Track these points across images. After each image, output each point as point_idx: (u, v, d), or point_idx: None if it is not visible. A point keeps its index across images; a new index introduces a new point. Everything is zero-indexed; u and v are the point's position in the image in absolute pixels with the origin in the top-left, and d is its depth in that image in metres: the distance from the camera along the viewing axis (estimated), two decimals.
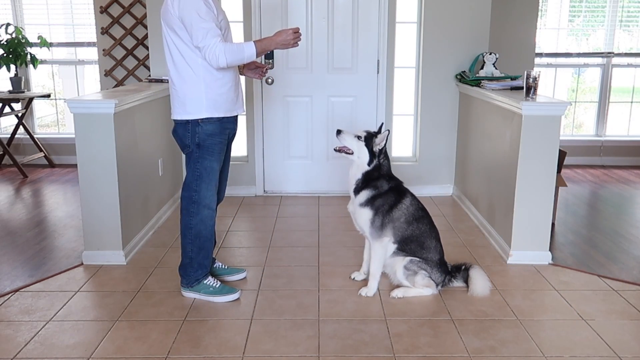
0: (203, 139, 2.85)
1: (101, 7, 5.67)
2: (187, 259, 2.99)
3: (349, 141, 2.96)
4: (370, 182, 2.97)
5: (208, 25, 2.67)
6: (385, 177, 3.00)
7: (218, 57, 2.68)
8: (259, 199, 4.90)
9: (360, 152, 2.94)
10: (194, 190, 2.91)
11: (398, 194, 3.02)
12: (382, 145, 2.95)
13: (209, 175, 2.91)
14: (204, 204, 2.93)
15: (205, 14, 2.68)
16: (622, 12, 6.21)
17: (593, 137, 6.36)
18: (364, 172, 2.97)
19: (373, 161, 2.95)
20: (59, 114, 6.69)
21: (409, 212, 3.02)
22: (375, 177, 2.98)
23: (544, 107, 3.37)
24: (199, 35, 2.67)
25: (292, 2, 4.69)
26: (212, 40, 2.67)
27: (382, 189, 2.98)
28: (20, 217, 4.47)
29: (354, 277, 3.26)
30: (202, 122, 2.83)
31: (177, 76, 2.84)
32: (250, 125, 4.91)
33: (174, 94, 2.89)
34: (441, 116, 4.88)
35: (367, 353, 2.50)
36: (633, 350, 2.54)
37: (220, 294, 2.99)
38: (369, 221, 2.98)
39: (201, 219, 2.94)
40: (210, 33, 2.67)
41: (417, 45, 4.89)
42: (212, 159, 2.90)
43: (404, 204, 3.01)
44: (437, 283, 3.03)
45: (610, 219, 4.48)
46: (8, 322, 2.76)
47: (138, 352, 2.51)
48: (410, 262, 2.99)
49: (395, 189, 3.02)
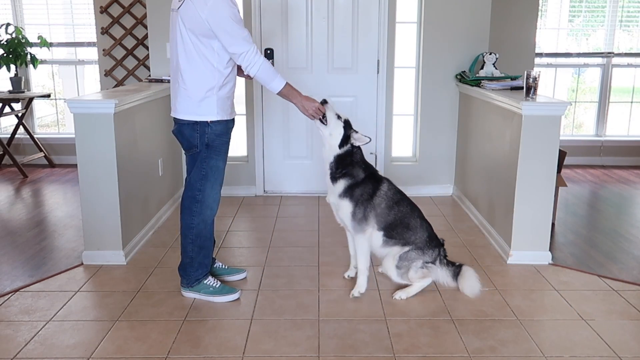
0: (212, 139, 2.87)
1: (101, 7, 5.67)
2: (187, 258, 2.99)
3: (329, 114, 2.94)
4: (346, 170, 2.95)
5: (244, 32, 2.73)
6: (360, 165, 2.98)
7: (254, 65, 2.75)
8: (259, 199, 4.90)
9: (334, 130, 2.92)
10: (198, 190, 2.91)
11: (375, 181, 3.01)
12: (357, 144, 2.95)
13: (214, 174, 2.92)
14: (207, 204, 2.93)
15: (239, 20, 2.73)
16: (622, 12, 6.21)
17: (593, 137, 6.36)
18: (335, 156, 2.95)
19: (344, 145, 2.93)
20: (59, 114, 6.69)
21: (388, 197, 2.99)
22: (348, 163, 2.95)
23: (544, 107, 3.37)
24: (238, 40, 2.70)
25: (292, 2, 4.69)
26: (251, 46, 2.73)
27: (358, 177, 2.96)
28: (20, 217, 4.47)
29: (347, 275, 3.26)
30: (211, 123, 2.85)
31: (192, 77, 2.79)
32: (250, 125, 4.91)
33: (183, 94, 2.83)
34: (441, 116, 4.88)
35: (367, 353, 2.50)
36: (633, 350, 2.54)
37: (220, 293, 2.99)
38: (350, 214, 2.96)
39: (203, 219, 2.94)
40: (248, 39, 2.73)
41: (417, 45, 4.89)
42: (219, 158, 2.92)
43: (382, 190, 2.99)
44: (432, 261, 2.98)
45: (610, 219, 4.48)
46: (8, 322, 2.76)
47: (138, 352, 2.51)
48: (399, 259, 2.96)
49: (372, 176, 3.01)
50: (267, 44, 4.71)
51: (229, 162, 4.93)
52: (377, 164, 4.86)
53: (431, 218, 4.37)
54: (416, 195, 4.93)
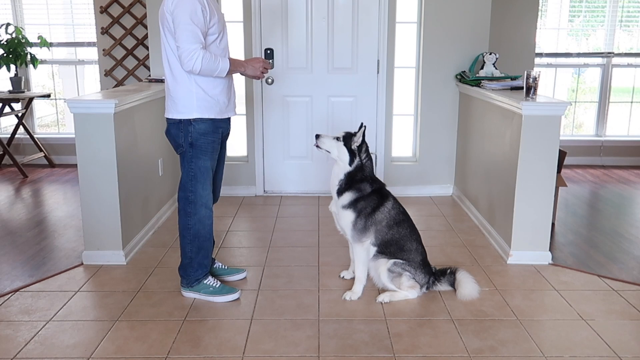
0: (196, 138, 2.85)
1: (101, 7, 5.67)
2: (186, 259, 2.99)
3: (328, 144, 2.97)
4: (354, 184, 2.97)
5: (194, 29, 2.68)
6: (368, 180, 3.00)
7: (194, 62, 2.69)
8: (259, 199, 4.90)
9: (340, 152, 2.95)
10: (190, 191, 2.92)
11: (381, 197, 3.01)
12: (359, 142, 2.93)
13: (203, 174, 2.91)
14: (200, 203, 2.93)
15: (197, 19, 2.68)
16: (622, 12, 6.21)
17: (593, 137, 6.36)
18: (346, 173, 2.96)
19: (354, 161, 2.94)
20: (59, 114, 6.69)
21: (390, 216, 3.00)
22: (358, 179, 2.97)
23: (544, 107, 3.37)
24: (183, 37, 2.68)
25: (292, 2, 4.69)
26: (194, 45, 2.68)
27: (365, 192, 2.97)
28: (20, 217, 4.47)
29: (342, 276, 3.27)
30: (194, 122, 2.84)
31: (171, 76, 2.84)
32: (250, 125, 4.91)
33: (167, 92, 2.90)
34: (441, 116, 4.88)
35: (367, 353, 2.50)
36: (633, 350, 2.54)
37: (220, 293, 2.99)
38: (350, 223, 2.97)
39: (199, 219, 2.94)
40: (193, 38, 2.68)
41: (417, 45, 4.89)
42: (206, 158, 2.90)
43: (386, 207, 3.00)
44: (421, 285, 3.01)
45: (610, 219, 4.48)
46: (8, 322, 2.76)
47: (138, 352, 2.51)
48: (394, 264, 2.97)
49: (378, 192, 3.02)
50: (267, 44, 4.70)
51: (229, 162, 4.97)
52: (377, 164, 4.86)
53: (431, 218, 4.40)
54: (416, 195, 4.96)
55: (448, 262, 3.41)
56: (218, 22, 2.82)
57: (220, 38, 2.85)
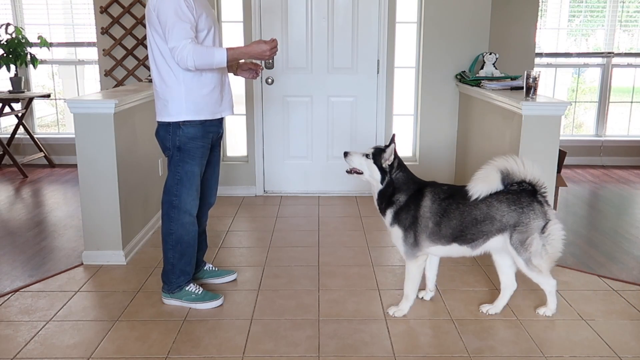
0: (184, 142, 2.77)
1: (101, 7, 5.66)
2: (168, 265, 2.91)
3: (357, 161, 2.79)
4: (391, 199, 2.79)
5: (183, 26, 2.59)
6: (401, 189, 2.78)
7: (186, 58, 2.59)
8: (259, 199, 4.90)
9: (372, 171, 2.77)
10: (175, 195, 2.83)
11: (416, 200, 2.75)
12: (390, 160, 2.74)
13: (189, 179, 2.82)
14: (184, 210, 2.84)
15: (183, 14, 2.60)
16: (622, 12, 6.21)
17: (593, 137, 6.36)
18: (379, 192, 2.79)
19: (385, 178, 2.76)
20: (59, 114, 6.69)
21: (432, 212, 2.72)
22: (390, 193, 2.78)
23: (544, 107, 3.37)
24: (172, 35, 2.59)
25: (292, 2, 4.69)
26: (183, 41, 2.59)
27: (401, 202, 2.76)
28: (20, 217, 4.47)
29: (422, 297, 3.01)
30: (183, 125, 2.75)
31: (159, 77, 2.76)
32: (250, 125, 4.91)
33: (155, 95, 2.82)
34: (441, 116, 4.88)
35: (367, 353, 2.50)
36: (633, 350, 2.54)
37: (202, 300, 2.91)
38: (401, 239, 2.77)
39: (182, 224, 2.85)
40: (182, 34, 2.59)
41: (417, 45, 4.89)
42: (193, 163, 2.81)
43: (425, 206, 2.73)
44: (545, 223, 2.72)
45: (610, 219, 4.48)
46: (8, 322, 2.76)
47: (138, 352, 2.51)
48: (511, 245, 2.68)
49: (415, 195, 2.77)
50: None
51: (229, 162, 4.98)
52: None
53: None
54: None
55: (448, 262, 3.40)
56: (206, 17, 2.72)
57: (210, 34, 2.75)
